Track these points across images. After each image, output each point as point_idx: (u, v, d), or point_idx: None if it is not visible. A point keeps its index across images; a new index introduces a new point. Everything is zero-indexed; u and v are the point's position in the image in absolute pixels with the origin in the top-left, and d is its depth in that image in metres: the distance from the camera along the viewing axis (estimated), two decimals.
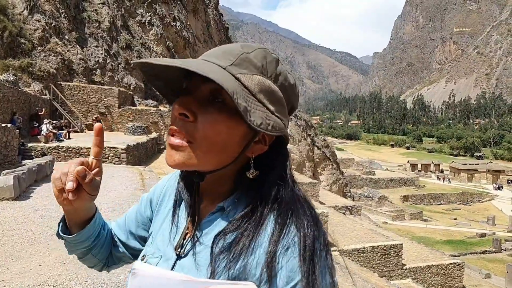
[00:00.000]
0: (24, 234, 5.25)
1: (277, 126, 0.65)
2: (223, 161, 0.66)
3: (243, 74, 0.63)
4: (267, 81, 0.65)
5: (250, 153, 0.67)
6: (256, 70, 0.65)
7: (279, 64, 0.68)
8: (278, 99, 0.66)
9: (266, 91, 0.64)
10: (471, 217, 43.25)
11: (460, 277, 17.65)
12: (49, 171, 9.76)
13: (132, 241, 0.90)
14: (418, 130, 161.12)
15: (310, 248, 0.61)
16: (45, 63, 18.99)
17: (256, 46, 0.68)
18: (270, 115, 0.64)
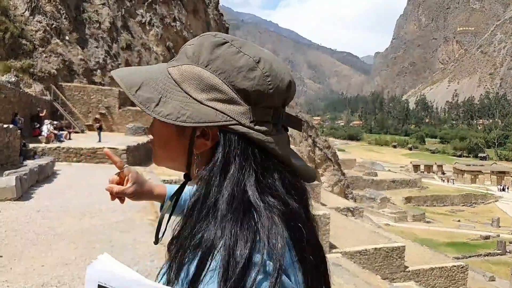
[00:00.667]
0: (27, 235, 5.27)
1: (197, 116, 0.58)
2: (174, 157, 0.66)
3: (173, 66, 0.63)
4: (195, 68, 0.61)
5: (195, 149, 0.62)
6: (187, 60, 0.63)
7: (223, 47, 0.62)
8: (211, 85, 0.60)
9: (193, 79, 0.61)
10: (475, 219, 43.04)
11: (464, 280, 17.54)
12: (50, 171, 9.76)
13: None
14: (420, 130, 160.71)
15: (236, 275, 0.48)
16: (46, 64, 19.04)
17: (201, 35, 0.66)
18: (191, 104, 0.59)
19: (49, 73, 18.89)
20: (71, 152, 12.34)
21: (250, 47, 0.62)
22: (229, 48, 0.61)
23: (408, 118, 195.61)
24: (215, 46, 0.62)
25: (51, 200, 7.24)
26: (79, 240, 5.22)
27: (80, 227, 5.78)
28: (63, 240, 5.21)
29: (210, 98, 0.60)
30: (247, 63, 0.60)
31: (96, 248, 4.90)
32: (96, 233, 5.52)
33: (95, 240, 5.21)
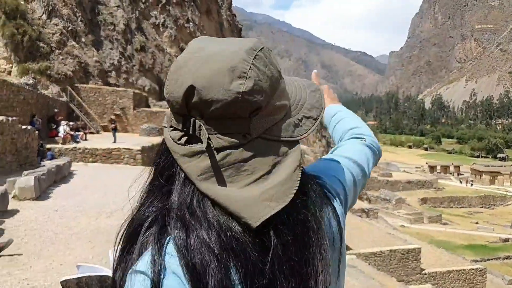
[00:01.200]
0: (45, 234, 5.37)
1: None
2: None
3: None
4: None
5: None
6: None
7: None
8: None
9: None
10: (494, 221, 42.09)
11: (482, 283, 17.16)
12: (67, 172, 9.92)
13: None
14: (437, 130, 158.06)
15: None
16: (63, 66, 19.41)
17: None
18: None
19: (65, 75, 19.26)
20: (87, 153, 12.54)
21: (189, 47, 0.60)
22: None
23: (423, 118, 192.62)
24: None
25: (68, 200, 7.36)
26: (96, 239, 5.29)
27: (96, 227, 5.86)
28: (80, 239, 5.28)
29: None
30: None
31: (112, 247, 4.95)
32: (112, 233, 5.51)
33: (111, 240, 5.19)
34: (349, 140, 0.93)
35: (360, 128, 0.98)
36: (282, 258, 0.53)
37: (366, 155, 0.88)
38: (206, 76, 0.52)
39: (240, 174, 0.53)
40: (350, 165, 0.81)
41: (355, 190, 0.79)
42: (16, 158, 9.22)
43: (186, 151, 0.54)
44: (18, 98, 12.30)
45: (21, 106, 12.48)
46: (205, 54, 0.55)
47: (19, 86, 12.82)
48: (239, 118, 0.53)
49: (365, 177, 0.85)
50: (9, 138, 8.90)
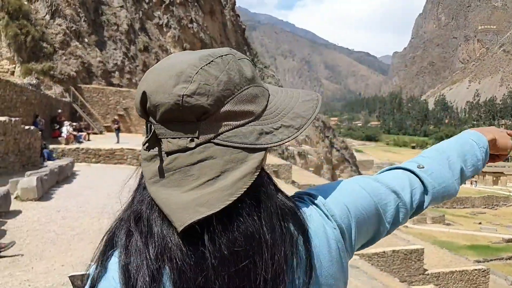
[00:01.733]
0: (47, 235, 5.36)
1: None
2: None
3: None
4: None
5: None
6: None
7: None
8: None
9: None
10: (497, 222, 41.94)
11: (485, 284, 17.11)
12: (70, 172, 9.94)
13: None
14: (440, 131, 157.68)
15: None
16: (66, 66, 19.47)
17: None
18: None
19: (68, 75, 19.31)
20: (90, 153, 12.56)
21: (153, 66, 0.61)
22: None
23: (427, 119, 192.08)
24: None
25: (71, 201, 7.36)
26: (98, 240, 5.24)
27: (98, 227, 5.85)
28: (82, 240, 5.28)
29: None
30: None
31: None
32: None
33: None
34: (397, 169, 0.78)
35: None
36: (218, 269, 0.50)
37: (408, 180, 0.74)
38: (156, 82, 0.54)
39: (186, 179, 0.52)
40: (374, 189, 0.69)
41: (377, 218, 0.68)
42: (19, 159, 9.23)
43: (146, 155, 0.56)
44: (21, 99, 12.33)
45: (24, 107, 12.52)
46: (166, 64, 0.56)
47: (22, 87, 12.86)
48: (187, 122, 0.53)
49: (402, 208, 0.71)
50: (12, 139, 8.92)
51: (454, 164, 0.79)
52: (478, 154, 0.83)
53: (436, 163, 0.78)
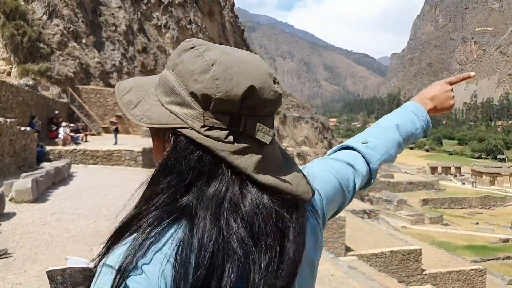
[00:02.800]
0: (42, 237, 5.31)
1: (155, 117, 0.60)
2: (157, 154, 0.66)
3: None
4: (164, 73, 0.63)
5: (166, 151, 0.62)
6: (166, 68, 0.65)
7: (188, 52, 0.61)
8: (171, 88, 0.60)
9: (161, 84, 0.63)
10: (494, 222, 42.07)
11: (482, 284, 17.17)
12: (66, 174, 9.88)
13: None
14: (438, 132, 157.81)
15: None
16: (63, 67, 19.39)
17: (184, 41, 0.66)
18: (155, 107, 0.61)
19: (66, 76, 19.24)
20: (87, 154, 12.49)
21: (215, 51, 0.60)
22: (192, 52, 0.61)
23: None
24: (182, 51, 0.62)
25: (67, 202, 7.31)
26: (94, 242, 5.24)
27: (94, 230, 5.80)
28: (77, 242, 5.23)
29: (169, 101, 0.60)
30: (201, 66, 0.59)
31: None
32: None
33: None
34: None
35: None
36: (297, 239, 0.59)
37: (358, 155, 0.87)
38: (261, 78, 0.59)
39: (270, 165, 0.60)
40: (337, 168, 0.82)
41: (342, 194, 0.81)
42: (15, 160, 9.17)
43: (236, 148, 0.58)
44: (17, 99, 12.26)
45: (20, 108, 12.45)
46: (253, 60, 0.61)
47: (18, 87, 12.78)
48: (273, 117, 0.63)
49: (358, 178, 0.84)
50: (8, 140, 8.86)
51: (394, 136, 0.93)
52: (417, 123, 0.97)
53: (378, 137, 0.92)
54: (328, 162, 0.84)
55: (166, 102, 0.60)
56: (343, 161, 0.84)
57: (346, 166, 0.83)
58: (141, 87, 0.64)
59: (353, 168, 0.83)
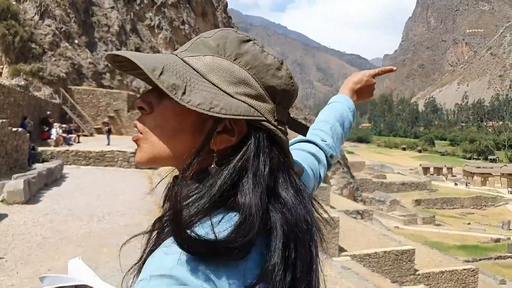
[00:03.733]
0: (34, 238, 5.26)
1: (233, 108, 0.55)
2: (179, 153, 0.57)
3: (193, 56, 0.59)
4: (222, 61, 0.59)
5: (213, 145, 0.57)
6: (209, 51, 0.60)
7: (248, 43, 0.61)
8: (242, 79, 0.58)
9: (221, 70, 0.58)
10: (485, 222, 42.53)
11: (474, 283, 17.30)
12: (59, 175, 9.80)
13: None
14: (430, 133, 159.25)
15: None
16: (55, 68, 19.23)
17: (219, 29, 0.63)
18: (222, 96, 0.56)
19: (58, 77, 19.07)
20: (80, 155, 12.40)
21: (268, 49, 0.63)
22: (254, 46, 0.61)
23: (417, 121, 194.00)
24: (241, 41, 0.61)
25: (59, 203, 7.25)
26: (87, 243, 5.20)
27: (87, 231, 5.77)
28: (70, 243, 5.19)
29: (240, 92, 0.57)
30: (274, 62, 0.61)
31: (104, 251, 4.87)
32: (103, 237, 5.50)
33: (103, 244, 5.18)
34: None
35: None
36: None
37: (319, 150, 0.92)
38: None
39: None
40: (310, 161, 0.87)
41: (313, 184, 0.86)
42: (6, 161, 9.07)
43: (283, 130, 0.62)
44: (9, 100, 12.13)
45: (12, 108, 12.31)
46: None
47: (9, 88, 12.64)
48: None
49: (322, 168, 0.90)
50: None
51: (339, 132, 1.01)
52: (351, 117, 1.05)
53: (332, 135, 0.98)
54: (298, 152, 0.87)
55: (236, 92, 0.57)
56: (310, 152, 0.88)
57: (313, 157, 0.88)
58: (174, 68, 0.56)
59: (318, 160, 0.88)
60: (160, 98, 0.59)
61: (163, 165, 0.61)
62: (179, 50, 0.63)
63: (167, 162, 0.60)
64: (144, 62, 0.54)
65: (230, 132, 0.57)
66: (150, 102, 0.59)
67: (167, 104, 0.58)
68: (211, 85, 0.57)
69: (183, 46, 0.64)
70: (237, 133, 0.57)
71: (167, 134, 0.57)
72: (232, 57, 0.59)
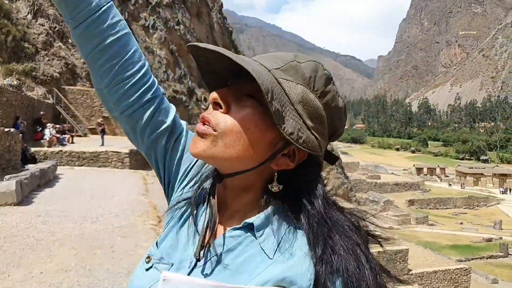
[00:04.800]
0: (26, 240, 5.20)
1: (310, 142, 0.60)
2: (244, 161, 0.61)
3: (286, 80, 0.60)
4: (311, 95, 0.61)
5: (274, 165, 0.62)
6: (302, 80, 0.61)
7: (331, 82, 0.64)
8: (319, 116, 0.62)
9: (307, 104, 0.61)
10: (478, 222, 42.89)
11: (467, 283, 17.45)
12: (52, 175, 9.72)
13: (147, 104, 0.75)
14: (423, 133, 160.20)
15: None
16: (49, 67, 19.07)
17: (310, 58, 0.64)
18: (305, 129, 0.60)
19: (51, 77, 18.92)
20: (74, 156, 12.31)
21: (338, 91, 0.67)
22: (333, 86, 0.65)
23: (411, 121, 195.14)
24: (329, 80, 0.64)
25: (52, 205, 7.18)
26: (80, 245, 5.16)
27: (80, 232, 5.72)
28: (63, 245, 5.14)
29: (315, 127, 0.61)
30: (342, 107, 0.65)
31: (97, 253, 4.83)
32: (97, 238, 5.46)
33: (96, 246, 5.14)
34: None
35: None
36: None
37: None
38: None
39: None
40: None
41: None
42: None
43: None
44: (1, 100, 12.02)
45: (4, 108, 12.20)
46: None
47: (2, 88, 12.52)
48: None
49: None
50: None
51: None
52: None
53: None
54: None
55: (313, 127, 0.61)
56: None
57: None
58: (276, 92, 0.58)
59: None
60: (236, 102, 0.61)
61: (216, 164, 0.64)
62: (272, 64, 0.61)
63: (224, 164, 0.62)
64: (262, 82, 0.55)
65: (291, 157, 0.62)
66: (229, 103, 0.61)
67: (249, 113, 0.60)
68: (297, 114, 0.59)
69: (274, 60, 0.62)
70: (297, 160, 0.62)
71: (241, 143, 0.60)
72: (318, 93, 0.62)
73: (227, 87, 0.63)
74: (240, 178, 0.63)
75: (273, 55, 0.64)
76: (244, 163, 0.61)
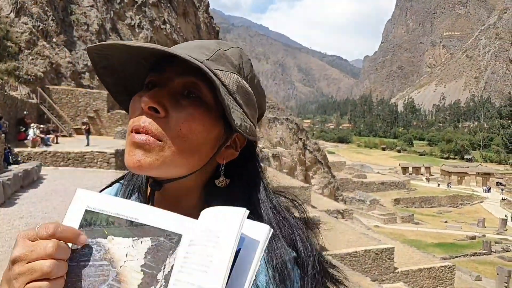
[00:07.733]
0: (8, 243, 5.13)
1: (252, 130, 0.59)
2: (193, 165, 0.57)
3: (221, 70, 0.57)
4: (244, 82, 0.60)
5: (220, 158, 0.59)
6: (233, 69, 0.59)
7: (252, 66, 0.64)
8: (252, 102, 0.61)
9: (243, 92, 0.59)
10: (462, 220, 43.66)
11: (451, 280, 17.77)
12: (36, 176, 9.57)
13: None
14: (409, 133, 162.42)
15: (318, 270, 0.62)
16: (33, 67, 18.73)
17: (232, 44, 0.63)
18: (246, 117, 0.58)
19: (35, 76, 18.59)
20: (58, 156, 12.13)
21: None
22: (255, 71, 0.66)
23: (396, 121, 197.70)
24: (251, 64, 0.63)
25: (36, 206, 7.09)
26: None
27: None
28: None
29: (251, 114, 0.61)
30: (263, 89, 0.66)
31: None
32: None
33: None
34: None
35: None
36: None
37: None
38: None
39: None
40: None
41: None
42: None
43: None
44: None
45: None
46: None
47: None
48: None
49: None
50: None
51: None
52: None
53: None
54: None
55: (250, 114, 0.60)
56: None
57: None
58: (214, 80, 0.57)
59: None
60: (174, 103, 0.55)
61: (159, 174, 0.57)
62: (200, 55, 0.57)
63: (171, 171, 0.56)
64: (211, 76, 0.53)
65: (233, 147, 0.60)
66: (166, 107, 0.54)
67: (193, 114, 0.55)
68: (237, 104, 0.57)
69: (199, 50, 0.58)
70: (239, 148, 0.61)
71: (191, 148, 0.55)
72: (248, 79, 0.61)
73: (155, 88, 0.56)
74: (182, 180, 0.58)
75: (194, 45, 0.59)
76: (193, 165, 0.57)
